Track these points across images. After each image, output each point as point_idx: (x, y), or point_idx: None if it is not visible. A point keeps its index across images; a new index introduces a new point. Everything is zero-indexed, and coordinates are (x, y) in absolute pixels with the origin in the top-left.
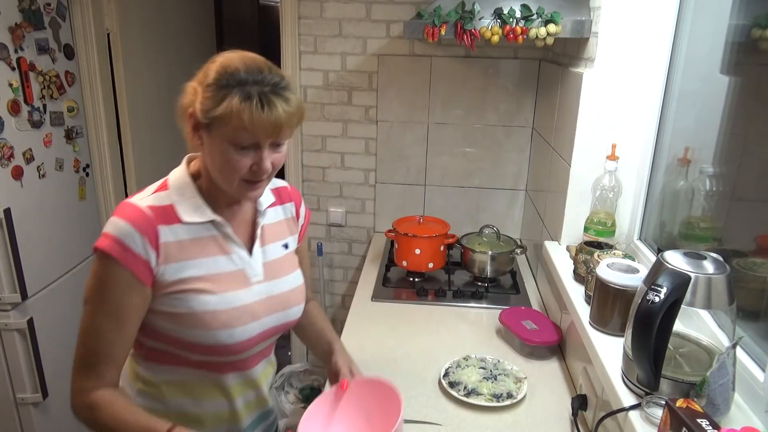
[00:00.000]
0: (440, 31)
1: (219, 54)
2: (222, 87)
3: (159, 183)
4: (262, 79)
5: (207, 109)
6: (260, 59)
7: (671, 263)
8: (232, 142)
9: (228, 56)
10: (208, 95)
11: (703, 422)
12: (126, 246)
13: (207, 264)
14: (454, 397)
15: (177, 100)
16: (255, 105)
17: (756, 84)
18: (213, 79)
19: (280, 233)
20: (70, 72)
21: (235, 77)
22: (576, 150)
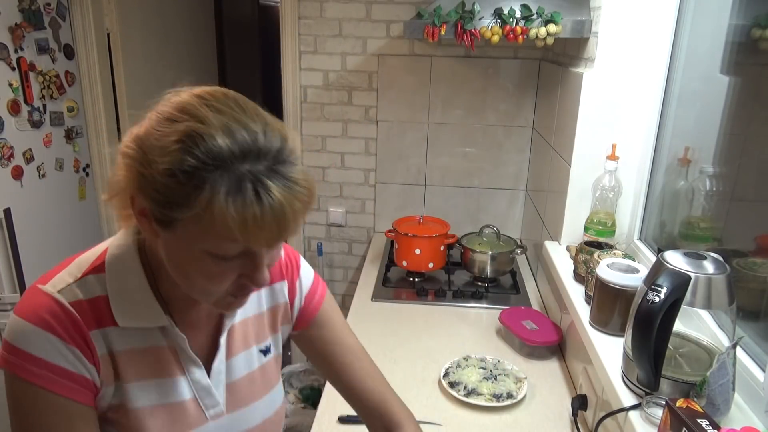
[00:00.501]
0: (440, 31)
1: (170, 94)
2: (191, 171)
3: (93, 254)
4: (256, 149)
5: (167, 202)
6: (241, 99)
7: (671, 263)
8: (211, 252)
9: (188, 102)
10: (166, 182)
11: (703, 422)
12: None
13: (146, 390)
14: (454, 397)
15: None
16: (249, 202)
17: (756, 84)
18: (174, 155)
19: (259, 333)
20: (70, 72)
21: (213, 152)
22: (576, 150)
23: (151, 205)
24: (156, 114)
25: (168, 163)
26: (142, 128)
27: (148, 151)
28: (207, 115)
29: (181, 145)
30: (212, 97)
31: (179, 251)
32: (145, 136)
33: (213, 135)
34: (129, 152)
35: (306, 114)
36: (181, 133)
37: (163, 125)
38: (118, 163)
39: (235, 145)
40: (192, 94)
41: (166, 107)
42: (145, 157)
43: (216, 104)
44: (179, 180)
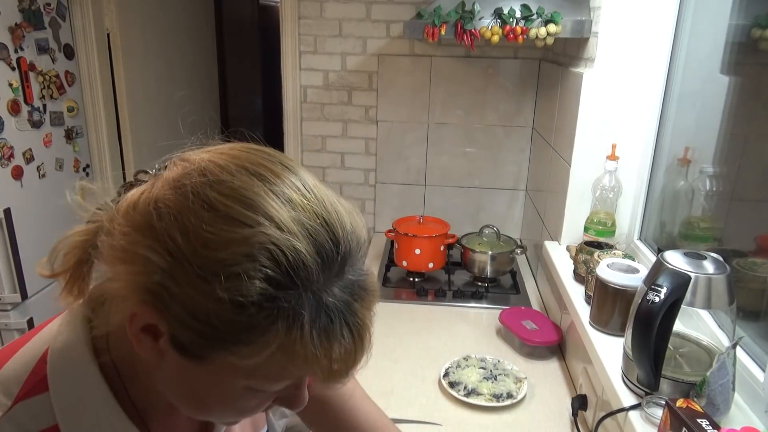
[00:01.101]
0: (440, 31)
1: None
2: (267, 302)
3: (24, 364)
4: (339, 257)
5: (214, 337)
6: (296, 169)
7: (671, 263)
8: (256, 388)
9: (246, 188)
10: (222, 313)
11: (703, 422)
12: None
13: None
14: (454, 397)
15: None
16: (338, 333)
17: (756, 84)
18: (243, 279)
19: (255, 419)
20: (70, 72)
21: (299, 273)
22: (576, 150)
23: (178, 332)
24: (194, 195)
25: (234, 291)
26: (164, 210)
27: (189, 259)
28: (281, 214)
29: (255, 263)
30: (273, 175)
31: (203, 384)
32: (180, 231)
33: (297, 248)
34: (142, 248)
35: (306, 114)
36: (254, 245)
37: (220, 224)
38: (107, 245)
39: (320, 257)
40: (241, 167)
41: (211, 191)
42: (181, 268)
43: (283, 189)
44: (247, 312)
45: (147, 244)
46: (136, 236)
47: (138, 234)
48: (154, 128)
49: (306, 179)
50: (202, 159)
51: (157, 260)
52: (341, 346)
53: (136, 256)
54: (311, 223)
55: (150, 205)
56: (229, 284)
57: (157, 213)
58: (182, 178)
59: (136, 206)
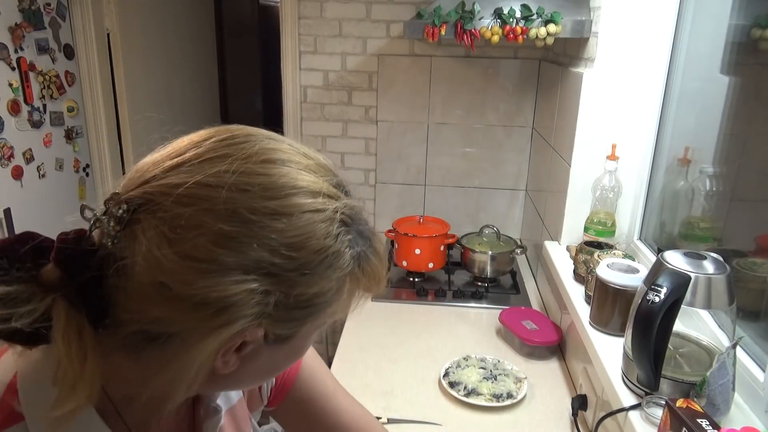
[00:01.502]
0: (440, 31)
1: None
2: (351, 266)
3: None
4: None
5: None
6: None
7: (671, 263)
8: (319, 328)
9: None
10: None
11: (703, 422)
12: None
13: None
14: (454, 397)
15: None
16: (374, 254)
17: (756, 84)
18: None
19: (240, 427)
20: (70, 72)
21: (358, 220)
22: (576, 150)
23: (279, 329)
24: (237, 183)
25: (337, 270)
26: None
27: (286, 269)
28: (316, 183)
29: (336, 238)
30: (283, 140)
31: (284, 357)
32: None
33: (348, 204)
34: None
35: (306, 114)
36: (328, 222)
37: (291, 224)
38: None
39: (348, 195)
40: (264, 147)
41: (248, 201)
42: (284, 280)
43: (296, 157)
44: (344, 275)
45: (235, 279)
46: (210, 280)
47: (213, 277)
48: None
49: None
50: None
51: (256, 287)
52: (379, 264)
53: (222, 299)
54: (326, 173)
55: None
56: (331, 264)
57: (224, 250)
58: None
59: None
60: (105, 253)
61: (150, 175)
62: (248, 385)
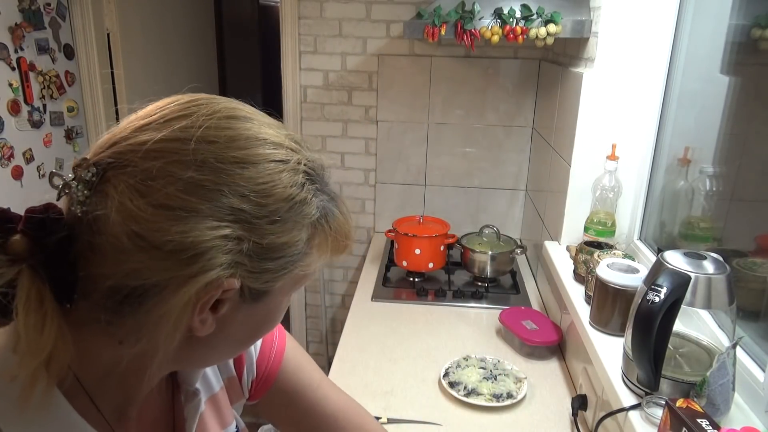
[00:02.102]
0: (440, 31)
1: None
2: (318, 217)
3: None
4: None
5: (273, 251)
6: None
7: (671, 263)
8: (298, 285)
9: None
10: (292, 239)
11: (703, 422)
12: None
13: None
14: (454, 397)
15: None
16: (339, 211)
17: (756, 84)
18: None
19: (221, 416)
20: (70, 72)
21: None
22: (576, 150)
23: (252, 281)
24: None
25: (304, 217)
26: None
27: (257, 216)
28: (275, 136)
29: (303, 187)
30: (244, 117)
31: (261, 318)
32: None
33: (311, 158)
34: (200, 231)
35: (306, 114)
36: (295, 172)
37: (261, 170)
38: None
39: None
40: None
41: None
42: (254, 227)
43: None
44: (313, 226)
45: (207, 226)
46: (183, 226)
47: (186, 223)
48: None
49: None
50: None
51: (229, 233)
52: (343, 224)
53: (197, 245)
54: (291, 141)
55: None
56: (299, 210)
57: (195, 198)
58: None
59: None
60: (74, 217)
61: (118, 137)
62: (227, 355)
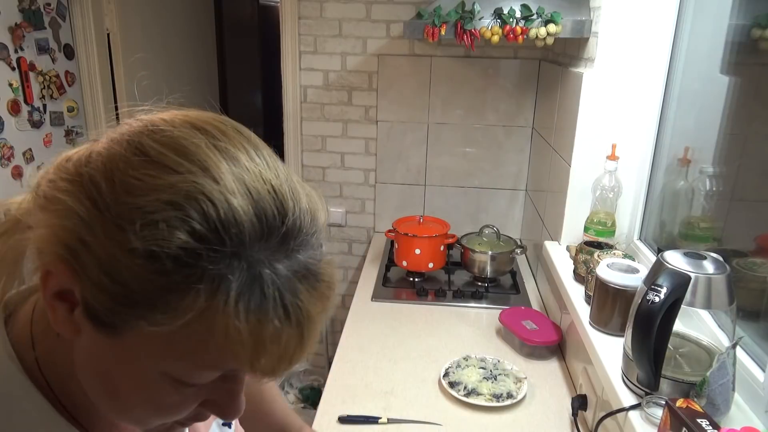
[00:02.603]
0: (440, 31)
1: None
2: (187, 258)
3: None
4: (284, 229)
5: (126, 299)
6: (254, 139)
7: (671, 263)
8: (177, 378)
9: (186, 137)
10: (137, 269)
11: (703, 422)
12: None
13: None
14: (454, 397)
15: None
16: (272, 312)
17: (756, 84)
18: (161, 227)
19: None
20: (70, 72)
21: (229, 231)
22: (576, 150)
23: (91, 296)
24: (128, 142)
25: (149, 240)
26: (95, 157)
27: (109, 207)
28: (220, 167)
29: (179, 212)
30: (220, 133)
31: (118, 365)
32: (105, 176)
33: (231, 203)
34: (63, 193)
35: (306, 114)
36: (180, 192)
37: (147, 169)
38: (27, 200)
39: (260, 222)
40: (186, 122)
41: (147, 138)
42: (99, 216)
43: (228, 147)
44: (164, 268)
45: (69, 189)
46: (62, 183)
47: (64, 181)
48: None
49: (262, 149)
50: (151, 116)
51: (77, 208)
52: (274, 329)
53: (57, 202)
54: (255, 185)
55: (83, 154)
56: (146, 233)
57: (86, 159)
58: (123, 129)
59: (70, 158)
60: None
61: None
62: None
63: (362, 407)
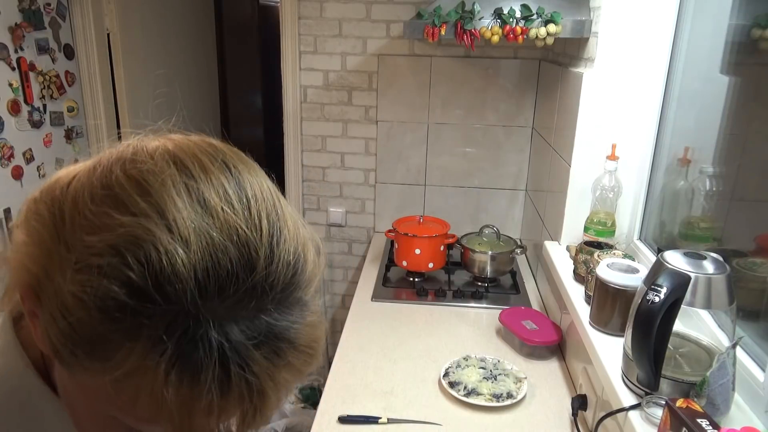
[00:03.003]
0: (440, 31)
1: (139, 136)
2: (119, 310)
3: None
4: (249, 284)
5: (68, 336)
6: (245, 168)
7: (671, 263)
8: (118, 416)
9: (154, 172)
10: (75, 310)
11: (703, 422)
12: None
13: None
14: (454, 397)
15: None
16: (207, 384)
17: (756, 84)
18: (95, 276)
19: None
20: (70, 72)
21: (164, 287)
22: (576, 150)
23: (48, 326)
24: (102, 172)
25: (80, 285)
26: (74, 184)
27: (67, 241)
28: (179, 212)
29: (117, 259)
30: (200, 170)
31: (77, 396)
32: (72, 207)
33: (177, 256)
34: (36, 218)
35: (306, 114)
36: (125, 236)
37: (105, 206)
38: (22, 221)
39: (214, 276)
40: (168, 154)
41: (119, 170)
42: (59, 248)
43: (201, 188)
44: (93, 318)
45: (43, 215)
46: (41, 206)
47: (43, 204)
48: None
49: (248, 188)
50: (143, 141)
51: (44, 233)
52: (207, 403)
53: (30, 226)
54: (218, 236)
55: (69, 176)
56: (80, 277)
57: (67, 184)
58: (109, 154)
59: (59, 179)
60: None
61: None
62: (74, 420)
63: (362, 407)
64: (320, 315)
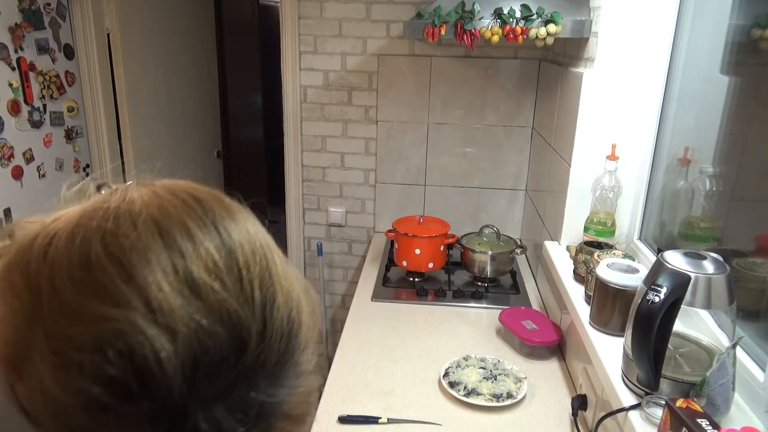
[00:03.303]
0: (440, 31)
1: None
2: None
3: None
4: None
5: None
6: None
7: (671, 263)
8: None
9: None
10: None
11: (703, 422)
12: None
13: None
14: (454, 397)
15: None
16: None
17: (756, 84)
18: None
19: None
20: (70, 72)
21: (148, 382)
22: (576, 150)
23: (29, 400)
24: (80, 241)
25: (62, 384)
26: (51, 250)
27: (45, 324)
28: (165, 292)
29: (99, 356)
30: (184, 235)
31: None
32: (49, 280)
33: (162, 348)
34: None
35: (306, 114)
36: (104, 330)
37: (83, 290)
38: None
39: (202, 365)
40: (153, 222)
41: (98, 242)
42: (34, 334)
43: (186, 260)
44: (76, 412)
45: (15, 285)
46: (12, 274)
47: (15, 271)
48: (154, 128)
49: (238, 253)
50: (128, 193)
51: (20, 314)
52: None
53: (4, 299)
54: (208, 322)
55: (49, 232)
56: (60, 374)
57: (47, 245)
58: (90, 214)
59: (37, 235)
60: None
61: None
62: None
63: (362, 407)
64: (315, 365)
